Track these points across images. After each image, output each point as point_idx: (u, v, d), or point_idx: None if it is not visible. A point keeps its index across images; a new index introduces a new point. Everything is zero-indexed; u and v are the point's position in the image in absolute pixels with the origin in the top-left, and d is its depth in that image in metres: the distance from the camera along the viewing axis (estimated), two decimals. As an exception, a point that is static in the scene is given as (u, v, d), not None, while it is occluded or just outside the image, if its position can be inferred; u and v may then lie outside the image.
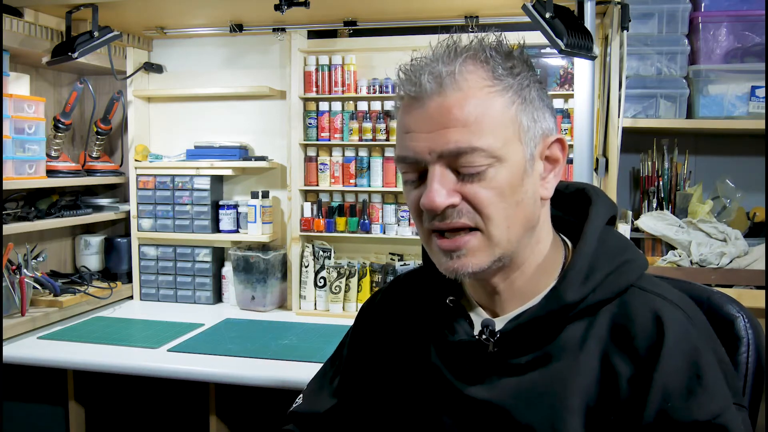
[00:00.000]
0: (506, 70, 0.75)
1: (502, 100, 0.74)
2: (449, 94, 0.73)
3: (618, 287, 0.77)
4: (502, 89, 0.74)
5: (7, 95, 1.87)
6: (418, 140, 0.74)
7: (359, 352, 0.98)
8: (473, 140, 0.72)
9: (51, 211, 2.07)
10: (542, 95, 0.78)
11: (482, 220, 0.74)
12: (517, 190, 0.74)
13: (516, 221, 0.75)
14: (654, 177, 1.98)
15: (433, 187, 0.73)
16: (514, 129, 0.75)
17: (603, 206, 0.83)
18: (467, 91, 0.73)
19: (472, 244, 0.75)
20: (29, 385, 1.87)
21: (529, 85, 0.77)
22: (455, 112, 0.72)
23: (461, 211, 0.74)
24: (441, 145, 0.73)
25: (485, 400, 0.78)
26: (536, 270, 0.80)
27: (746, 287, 1.74)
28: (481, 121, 0.72)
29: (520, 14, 1.54)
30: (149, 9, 1.97)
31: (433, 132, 0.73)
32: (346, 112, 2.13)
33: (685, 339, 0.73)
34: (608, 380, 0.74)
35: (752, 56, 1.85)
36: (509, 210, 0.74)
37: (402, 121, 0.77)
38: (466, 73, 0.73)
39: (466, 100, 0.73)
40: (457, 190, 0.74)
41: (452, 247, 0.75)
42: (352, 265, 2.13)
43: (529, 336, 0.78)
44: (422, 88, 0.73)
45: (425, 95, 0.73)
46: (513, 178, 0.74)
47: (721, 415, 0.70)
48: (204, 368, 1.62)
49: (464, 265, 0.75)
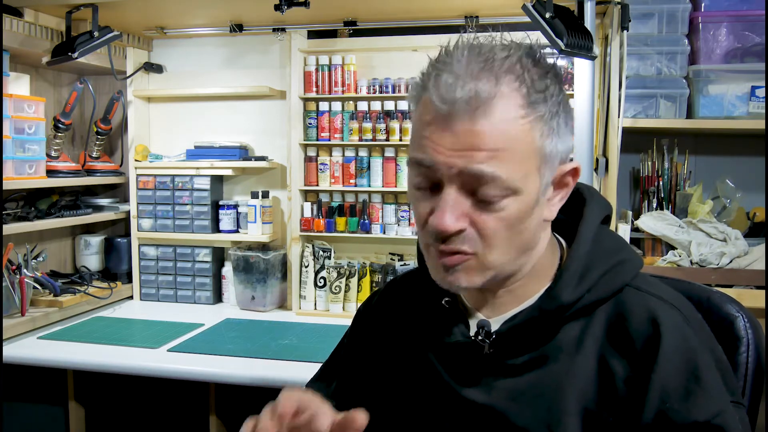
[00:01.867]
0: (540, 93, 0.72)
1: (532, 133, 0.72)
2: (481, 122, 0.70)
3: (613, 287, 0.77)
4: (533, 120, 0.72)
5: (7, 95, 1.87)
6: (441, 153, 0.71)
7: (356, 355, 0.98)
8: (497, 169, 0.70)
9: (51, 211, 2.07)
10: (567, 119, 0.76)
11: (482, 245, 0.73)
12: (525, 220, 0.74)
13: (514, 248, 0.75)
14: (654, 177, 1.98)
15: (447, 211, 0.72)
16: (537, 161, 0.73)
17: (597, 206, 0.83)
18: (500, 121, 0.70)
19: (467, 264, 0.75)
20: (29, 385, 1.87)
21: (558, 112, 0.74)
22: (485, 139, 0.70)
23: (465, 238, 0.73)
24: (463, 164, 0.70)
25: (482, 403, 0.78)
26: (531, 273, 0.80)
27: (746, 287, 1.74)
28: (507, 151, 0.71)
29: (520, 14, 1.54)
30: (149, 9, 1.97)
31: (458, 151, 0.71)
32: (346, 112, 2.12)
33: (682, 339, 0.73)
34: (605, 381, 0.74)
35: (752, 56, 1.85)
36: (512, 239, 0.74)
37: (424, 125, 0.73)
38: (501, 98, 0.70)
39: (497, 131, 0.70)
40: (467, 213, 0.72)
41: (449, 264, 0.75)
42: (352, 265, 2.13)
43: (524, 337, 0.77)
44: (455, 108, 0.70)
45: (456, 115, 0.70)
46: (524, 209, 0.73)
47: (719, 415, 0.70)
48: (204, 368, 1.62)
49: (458, 280, 0.76)
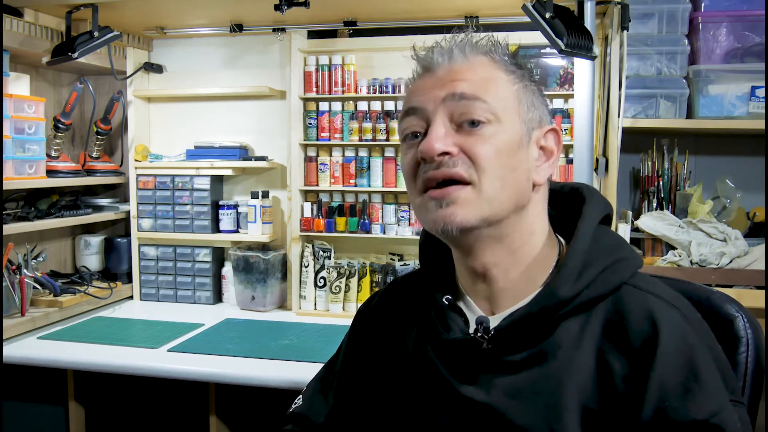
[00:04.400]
0: (509, 61, 0.81)
1: (505, 77, 0.80)
2: (458, 62, 0.79)
3: (612, 284, 0.78)
4: (506, 70, 0.80)
5: (7, 95, 1.87)
6: (425, 93, 0.79)
7: (357, 354, 0.98)
8: (477, 92, 0.77)
9: (51, 211, 2.07)
10: (540, 92, 0.84)
11: (476, 172, 0.76)
12: (513, 156, 0.77)
13: (508, 185, 0.77)
14: (654, 177, 1.98)
15: (433, 134, 0.76)
16: (514, 104, 0.79)
17: (597, 204, 0.84)
18: (475, 62, 0.79)
19: (462, 195, 0.76)
20: (29, 385, 1.87)
21: (531, 78, 0.82)
22: (464, 72, 0.78)
23: (456, 161, 0.76)
24: (446, 90, 0.77)
25: (481, 401, 0.78)
26: (530, 263, 0.81)
27: (746, 287, 1.74)
28: (486, 83, 0.78)
29: (520, 14, 1.54)
30: (149, 9, 1.97)
31: (441, 86, 0.78)
32: (346, 112, 2.13)
33: (680, 338, 0.73)
34: (604, 379, 0.74)
35: (752, 56, 1.85)
36: (504, 171, 0.76)
37: (410, 88, 0.82)
38: (475, 56, 0.80)
39: (473, 67, 0.79)
40: (456, 142, 0.76)
41: (442, 195, 0.76)
42: (352, 265, 2.13)
43: (523, 333, 0.78)
44: (433, 60, 0.79)
45: (435, 65, 0.79)
46: (510, 143, 0.77)
47: (718, 413, 0.69)
48: (204, 368, 1.62)
49: (452, 214, 0.76)
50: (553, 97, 1.98)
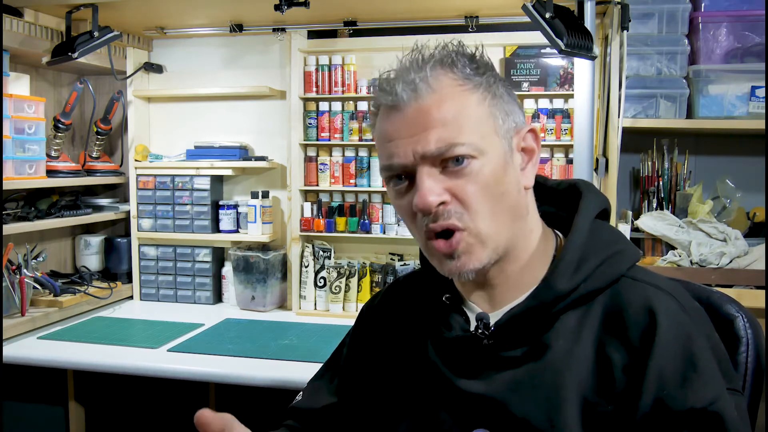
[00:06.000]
0: (472, 70, 0.79)
1: (474, 97, 0.77)
2: (425, 98, 0.76)
3: (610, 276, 0.78)
4: (473, 87, 0.78)
5: (7, 95, 1.87)
6: (401, 145, 0.76)
7: (359, 352, 0.99)
8: (453, 137, 0.75)
9: (51, 211, 2.07)
10: (509, 91, 0.82)
11: (468, 215, 0.76)
12: (501, 182, 0.77)
13: (500, 213, 0.77)
14: (654, 177, 1.98)
15: (425, 187, 0.75)
16: (490, 124, 0.78)
17: (593, 199, 0.84)
18: (441, 92, 0.76)
19: (465, 243, 0.76)
20: (29, 385, 1.87)
21: (496, 82, 0.80)
22: (433, 113, 0.75)
23: (451, 212, 0.76)
24: (423, 146, 0.75)
25: (481, 394, 0.78)
26: (528, 259, 0.82)
27: (746, 287, 1.74)
28: (458, 119, 0.75)
29: (520, 14, 1.54)
30: (149, 9, 1.97)
31: (414, 135, 0.76)
32: (346, 112, 2.13)
33: (678, 326, 0.73)
34: (603, 370, 0.74)
35: (752, 56, 1.85)
36: (493, 203, 0.77)
37: (382, 130, 0.80)
38: (437, 77, 0.77)
39: (442, 101, 0.76)
40: (446, 187, 0.76)
41: (450, 251, 0.77)
42: (352, 265, 2.13)
43: (523, 327, 0.78)
44: (398, 97, 0.76)
45: (402, 103, 0.76)
46: (496, 170, 0.77)
47: (716, 402, 0.70)
48: (204, 368, 1.62)
49: (464, 265, 0.77)
50: (553, 98, 1.98)
